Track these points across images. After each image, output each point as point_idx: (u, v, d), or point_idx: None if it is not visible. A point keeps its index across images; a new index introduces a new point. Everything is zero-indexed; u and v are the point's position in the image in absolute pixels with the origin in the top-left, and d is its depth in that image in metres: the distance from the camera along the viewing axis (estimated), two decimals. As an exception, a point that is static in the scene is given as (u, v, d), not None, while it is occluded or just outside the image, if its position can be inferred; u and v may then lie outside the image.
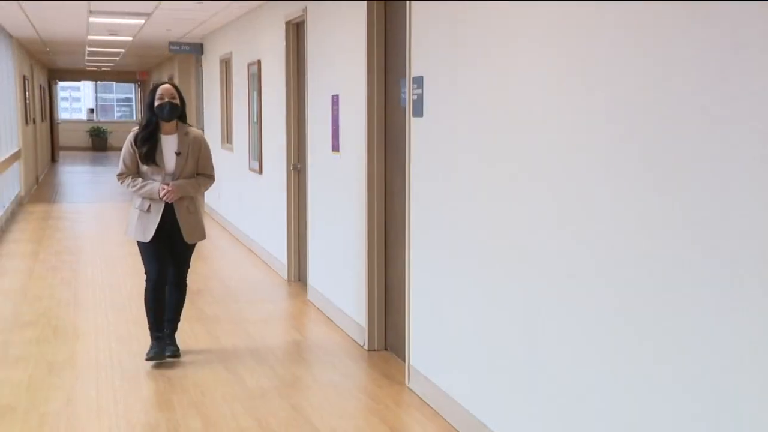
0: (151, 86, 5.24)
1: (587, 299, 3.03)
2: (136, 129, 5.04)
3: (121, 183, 5.04)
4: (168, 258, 5.07)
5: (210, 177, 5.14)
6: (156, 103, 4.92)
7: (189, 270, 5.27)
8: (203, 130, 12.78)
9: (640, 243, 2.72)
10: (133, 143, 4.98)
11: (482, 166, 3.82)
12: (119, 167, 5.04)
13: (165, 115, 4.93)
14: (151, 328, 5.12)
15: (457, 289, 4.13)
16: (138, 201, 5.02)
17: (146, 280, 5.07)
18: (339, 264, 6.10)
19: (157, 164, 4.95)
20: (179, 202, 5.00)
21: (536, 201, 3.36)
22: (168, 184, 4.96)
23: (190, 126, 5.12)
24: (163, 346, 5.11)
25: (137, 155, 4.96)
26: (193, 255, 5.30)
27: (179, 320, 5.30)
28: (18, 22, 11.28)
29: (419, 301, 4.62)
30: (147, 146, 4.95)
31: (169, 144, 5.00)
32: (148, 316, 5.11)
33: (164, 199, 4.93)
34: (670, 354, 2.60)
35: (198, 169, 5.09)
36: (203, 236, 5.15)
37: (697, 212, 2.47)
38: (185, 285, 5.24)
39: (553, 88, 3.21)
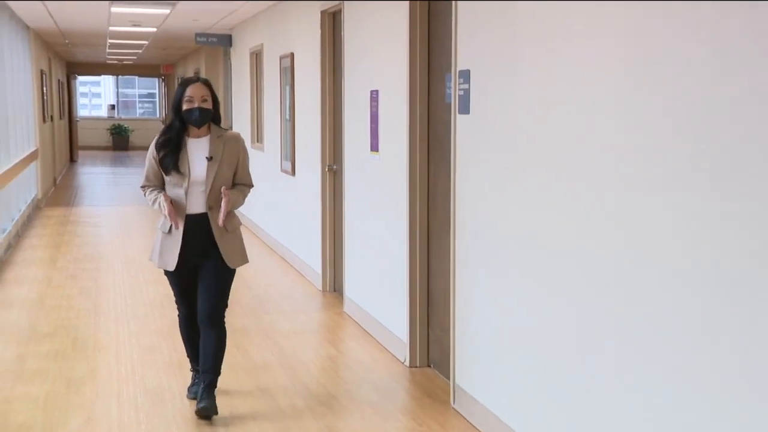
0: (178, 81, 4.91)
1: (648, 316, 3.00)
2: (157, 136, 4.62)
3: (144, 194, 4.63)
4: (196, 290, 4.57)
5: (250, 187, 4.65)
6: (184, 107, 4.47)
7: (227, 307, 4.62)
8: (231, 128, 12.89)
9: (707, 255, 2.69)
10: (155, 151, 4.53)
11: (535, 168, 3.81)
12: (143, 178, 4.62)
13: (195, 120, 4.47)
14: (190, 359, 4.85)
15: (507, 302, 4.12)
16: (161, 220, 4.55)
17: (178, 315, 4.77)
18: (378, 273, 6.11)
19: (180, 171, 4.45)
20: (214, 218, 4.48)
21: (594, 208, 3.33)
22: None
23: (225, 129, 4.62)
24: None
25: (158, 165, 4.51)
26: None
27: (219, 373, 4.59)
28: (36, 13, 11.48)
29: (465, 314, 4.61)
30: (165, 150, 4.48)
31: (198, 147, 4.51)
32: (185, 346, 4.82)
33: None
34: (742, 378, 2.57)
35: (235, 179, 4.56)
36: (246, 259, 4.60)
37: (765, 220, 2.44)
38: (223, 326, 4.56)
39: (614, 86, 3.19)
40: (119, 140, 29.22)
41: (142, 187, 4.64)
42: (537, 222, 3.80)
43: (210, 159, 4.47)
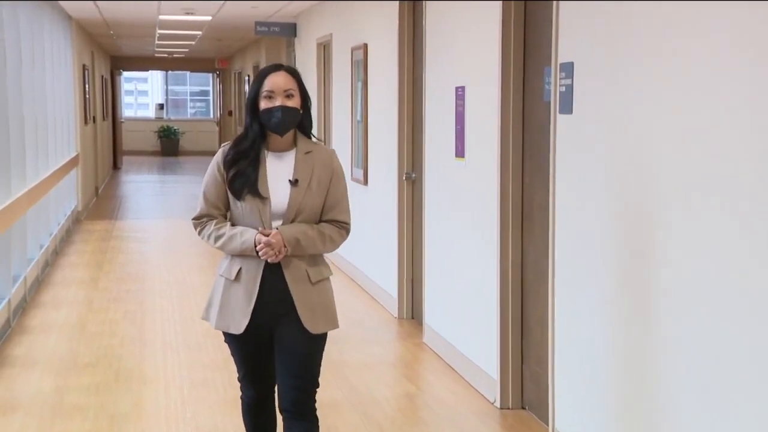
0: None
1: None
2: (227, 145, 3.85)
3: (199, 233, 3.83)
4: (273, 365, 3.82)
5: (343, 226, 3.85)
6: (262, 106, 3.72)
7: (318, 387, 3.85)
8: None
9: None
10: (221, 165, 3.78)
11: (650, 178, 3.76)
12: (198, 205, 3.84)
13: (275, 125, 3.71)
14: None
15: (617, 334, 4.06)
16: (224, 263, 3.82)
17: (241, 396, 3.99)
18: (463, 298, 6.09)
19: (260, 195, 3.71)
20: (292, 264, 3.73)
21: (721, 223, 3.27)
22: (268, 234, 3.67)
23: (317, 140, 3.94)
24: None
25: (226, 184, 3.77)
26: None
27: None
28: (79, 1, 11.78)
29: (566, 348, 4.56)
30: (239, 167, 3.74)
31: (278, 165, 3.78)
32: None
33: (262, 256, 3.67)
34: None
35: (324, 212, 3.81)
36: (334, 322, 3.82)
37: None
38: (314, 416, 3.81)
39: (747, 87, 3.13)
40: (168, 144, 29.76)
41: (197, 219, 3.84)
42: (653, 240, 3.74)
43: (294, 183, 3.75)
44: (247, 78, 19.56)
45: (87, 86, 15.71)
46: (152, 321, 7.66)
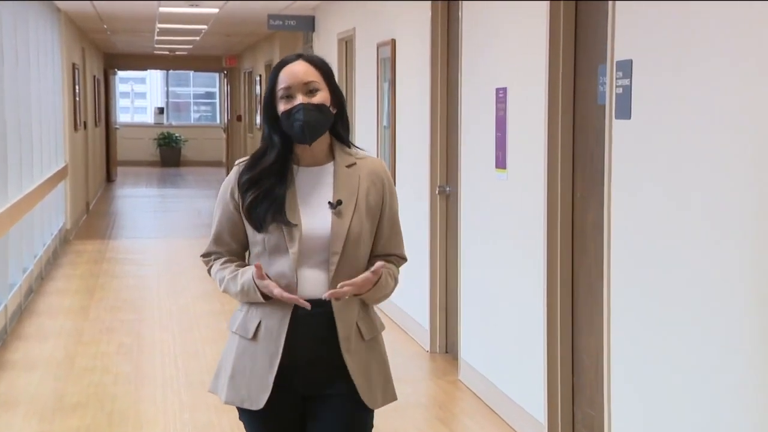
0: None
1: None
2: (242, 162, 3.41)
3: (208, 269, 3.49)
4: None
5: (401, 262, 3.47)
6: (281, 108, 3.29)
7: None
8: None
9: None
10: (235, 189, 3.36)
11: (727, 194, 3.73)
12: (210, 240, 3.45)
13: (299, 130, 3.25)
14: None
15: (689, 375, 4.03)
16: (238, 316, 3.39)
17: None
18: (505, 331, 6.07)
19: (288, 224, 3.27)
20: (342, 313, 3.29)
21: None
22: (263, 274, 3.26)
23: (359, 149, 3.47)
24: None
25: (242, 213, 3.34)
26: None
27: None
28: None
29: (625, 388, 4.53)
30: (257, 191, 3.29)
31: (314, 186, 3.35)
32: None
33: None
34: None
35: (379, 245, 3.39)
36: (393, 393, 3.50)
37: None
38: None
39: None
40: (168, 153, 29.91)
41: (205, 256, 3.47)
42: (727, 267, 3.71)
43: (336, 206, 3.30)
44: (258, 78, 19.64)
45: (77, 88, 15.81)
46: (150, 356, 7.67)
